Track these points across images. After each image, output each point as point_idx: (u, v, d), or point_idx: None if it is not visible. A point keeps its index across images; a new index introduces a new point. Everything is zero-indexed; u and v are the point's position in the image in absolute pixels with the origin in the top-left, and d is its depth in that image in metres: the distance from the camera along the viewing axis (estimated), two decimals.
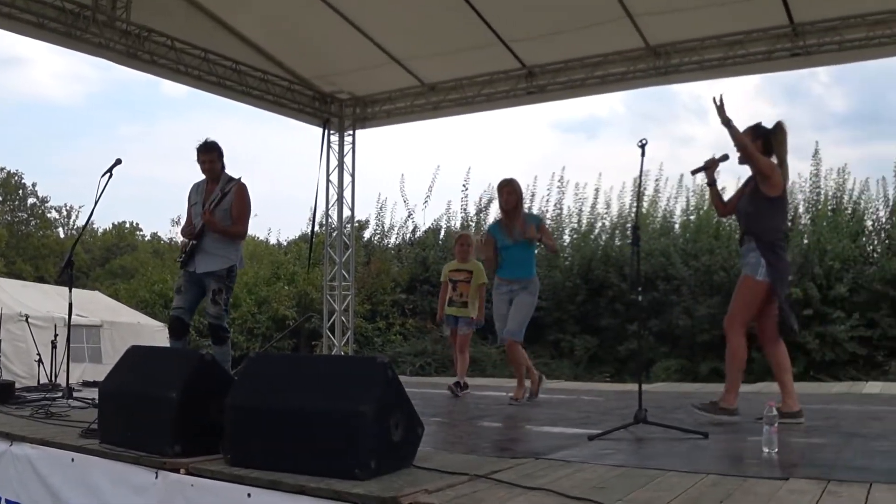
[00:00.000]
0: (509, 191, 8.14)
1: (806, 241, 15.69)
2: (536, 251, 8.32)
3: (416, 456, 4.18)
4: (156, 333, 15.44)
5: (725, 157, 6.29)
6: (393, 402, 4.01)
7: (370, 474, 3.74)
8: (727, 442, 5.22)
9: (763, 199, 6.17)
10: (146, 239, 47.54)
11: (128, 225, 48.65)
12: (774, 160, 6.21)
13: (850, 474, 3.93)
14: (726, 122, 6.09)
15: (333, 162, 13.77)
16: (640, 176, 6.34)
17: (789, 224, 16.65)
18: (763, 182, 6.14)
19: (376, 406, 3.84)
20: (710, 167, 6.39)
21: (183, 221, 8.28)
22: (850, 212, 16.67)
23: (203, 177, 7.81)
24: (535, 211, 19.49)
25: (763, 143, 6.19)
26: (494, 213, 18.99)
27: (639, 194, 6.17)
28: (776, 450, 4.50)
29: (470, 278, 9.16)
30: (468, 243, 9.37)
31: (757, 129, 6.26)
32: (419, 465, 4.09)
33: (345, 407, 3.85)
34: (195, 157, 7.69)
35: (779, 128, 6.26)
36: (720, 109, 6.09)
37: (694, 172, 6.52)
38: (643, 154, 5.82)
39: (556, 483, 3.72)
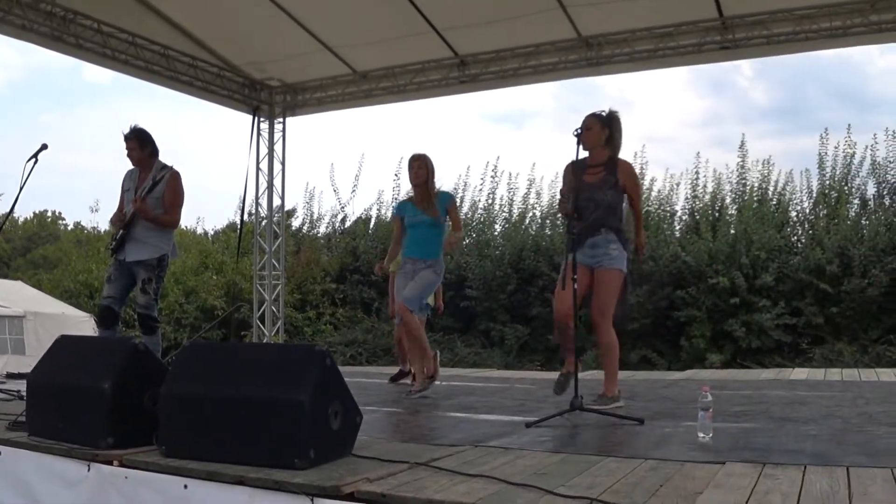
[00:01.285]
0: (419, 165, 7.91)
1: (733, 231, 15.94)
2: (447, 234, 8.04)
3: (355, 445, 4.16)
4: (81, 324, 15.16)
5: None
6: (331, 390, 3.98)
7: (309, 463, 3.70)
8: (662, 428, 5.26)
9: (621, 192, 6.26)
10: (69, 228, 46.61)
11: (49, 214, 47.65)
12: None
13: (784, 457, 4.01)
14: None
15: (263, 150, 13.63)
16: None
17: (717, 214, 16.95)
18: (633, 184, 6.30)
19: (314, 394, 3.80)
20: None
21: (104, 207, 8.11)
22: (775, 203, 17.01)
23: None
24: (466, 202, 19.56)
25: (609, 133, 6.24)
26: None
27: (577, 184, 6.07)
28: (711, 434, 4.56)
29: None
30: None
31: (603, 120, 6.25)
32: (358, 453, 4.07)
33: (283, 395, 3.80)
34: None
35: (615, 117, 6.30)
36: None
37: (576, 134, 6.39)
38: (579, 143, 5.82)
39: (498, 470, 3.72)
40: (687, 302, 15.15)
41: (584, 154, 6.19)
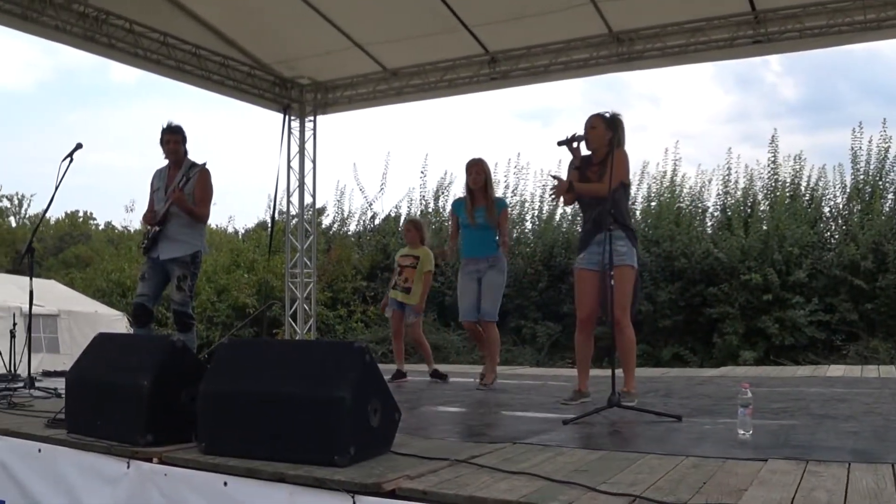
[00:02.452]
0: (478, 170, 8.05)
1: (765, 228, 15.83)
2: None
3: (394, 442, 4.14)
4: (114, 322, 15.29)
5: (580, 138, 6.36)
6: (370, 387, 3.96)
7: (349, 460, 3.69)
8: (701, 425, 5.22)
9: (622, 186, 6.27)
10: (100, 228, 46.96)
11: (81, 214, 48.01)
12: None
13: (827, 454, 3.96)
14: (575, 189, 6.32)
15: (294, 148, 13.64)
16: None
17: (749, 211, 16.83)
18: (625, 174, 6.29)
19: (354, 391, 3.79)
20: (572, 143, 6.37)
21: (139, 207, 8.19)
22: (808, 198, 16.87)
23: (164, 163, 7.70)
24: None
25: (613, 134, 6.25)
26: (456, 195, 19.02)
27: (612, 167, 6.04)
28: (751, 431, 4.51)
29: (416, 264, 9.08)
30: (414, 228, 9.30)
31: (608, 120, 6.31)
32: (397, 450, 4.05)
33: (323, 393, 3.79)
34: (159, 140, 7.57)
35: (620, 120, 6.34)
36: (570, 187, 6.30)
37: (560, 143, 6.43)
38: (617, 127, 5.84)
39: (538, 467, 3.69)
40: (719, 299, 15.07)
41: (587, 153, 6.41)
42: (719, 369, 11.43)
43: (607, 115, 6.35)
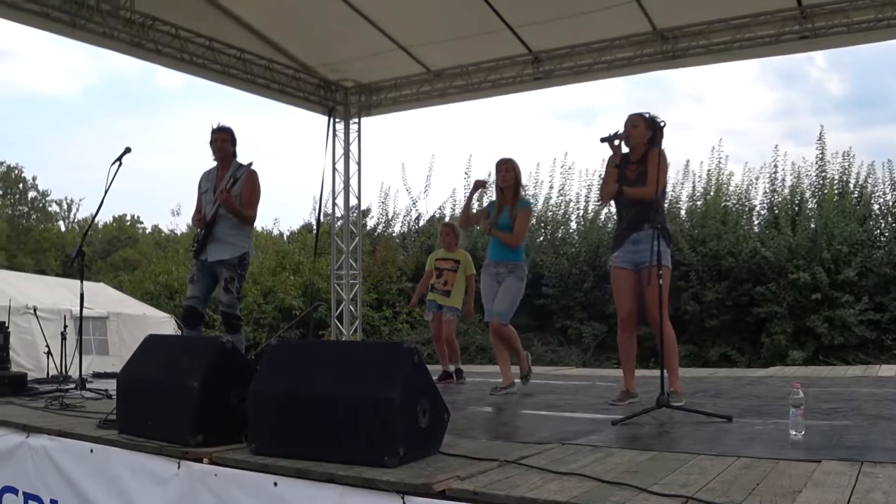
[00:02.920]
0: (507, 168, 7.93)
1: (813, 226, 15.64)
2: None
3: (443, 442, 4.14)
4: (162, 324, 15.41)
5: (621, 136, 6.34)
6: (419, 388, 3.97)
7: (399, 461, 3.69)
8: (751, 425, 5.16)
9: (661, 187, 6.22)
10: (147, 231, 47.50)
11: (128, 217, 48.59)
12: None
13: (882, 455, 3.90)
14: (622, 192, 6.31)
15: (339, 150, 13.70)
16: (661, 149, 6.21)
17: (796, 209, 16.64)
18: (653, 165, 6.20)
19: (404, 392, 3.79)
20: (613, 140, 6.34)
21: (185, 210, 8.25)
22: (856, 195, 16.64)
23: (212, 165, 7.76)
24: (540, 198, 19.50)
25: (653, 134, 6.25)
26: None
27: (658, 169, 6.01)
28: (803, 432, 4.45)
29: (456, 267, 9.09)
30: (452, 232, 9.30)
31: (648, 121, 6.30)
32: (446, 451, 4.05)
33: (372, 393, 3.80)
34: (209, 141, 7.64)
35: (659, 125, 6.25)
36: (620, 190, 6.31)
37: (602, 140, 6.40)
38: (662, 136, 5.77)
39: (589, 468, 3.67)
40: (767, 298, 14.92)
41: (626, 150, 6.41)
42: (768, 369, 11.31)
43: (647, 115, 6.34)
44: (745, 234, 16.13)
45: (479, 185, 8.25)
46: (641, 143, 6.31)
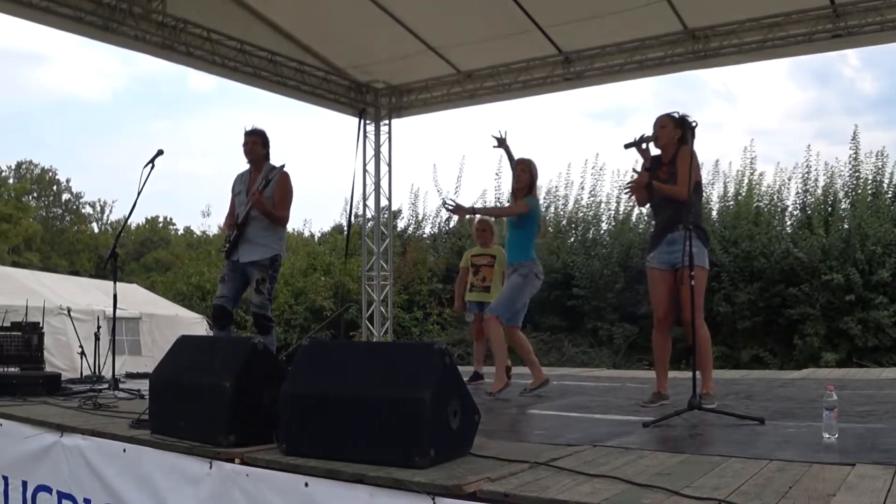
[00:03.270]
0: (523, 168, 7.87)
1: (846, 226, 15.49)
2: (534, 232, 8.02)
3: (473, 444, 4.13)
4: (193, 325, 15.53)
5: (648, 138, 6.36)
6: (450, 389, 3.96)
7: (429, 462, 3.68)
8: (784, 428, 5.12)
9: (696, 186, 6.19)
10: (179, 233, 47.84)
11: (161, 219, 48.97)
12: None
13: None
14: (653, 187, 6.24)
15: (369, 152, 13.74)
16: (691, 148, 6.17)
17: (829, 209, 16.48)
18: (683, 164, 6.18)
19: (434, 393, 3.79)
20: (641, 144, 6.36)
21: (214, 212, 8.28)
22: (891, 195, 16.47)
23: (245, 167, 7.79)
24: (570, 199, 19.47)
25: (682, 132, 6.26)
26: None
27: (691, 177, 6.00)
28: (836, 435, 4.41)
29: (493, 262, 9.07)
30: (487, 228, 9.28)
31: (676, 120, 6.29)
32: (477, 452, 4.05)
33: (403, 394, 3.80)
34: (242, 144, 7.68)
35: (689, 123, 6.27)
36: (648, 187, 6.25)
37: (627, 146, 6.40)
38: (693, 136, 5.74)
39: (620, 470, 3.65)
40: (800, 299, 14.78)
41: (657, 152, 6.40)
42: (801, 371, 11.23)
43: (676, 115, 6.32)
44: (777, 234, 15.98)
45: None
46: (671, 143, 6.28)
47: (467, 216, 6.91)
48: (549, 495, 3.20)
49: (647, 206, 6.77)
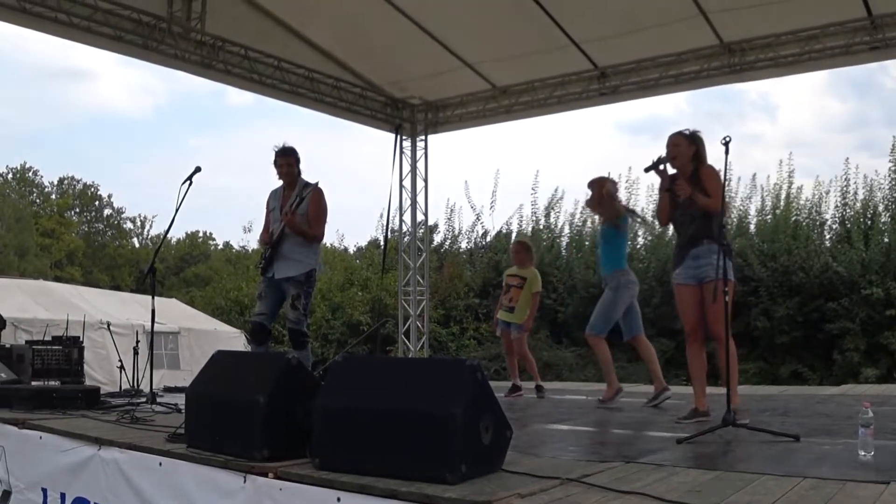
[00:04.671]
0: (591, 187, 8.25)
1: (887, 240, 15.35)
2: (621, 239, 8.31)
3: (505, 460, 4.14)
4: (232, 340, 15.64)
5: (667, 159, 6.43)
6: (482, 405, 3.97)
7: (460, 478, 3.69)
8: (820, 445, 5.08)
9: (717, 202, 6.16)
10: (219, 248, 48.21)
11: (200, 234, 49.40)
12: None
13: None
14: (673, 191, 6.37)
15: (405, 167, 13.79)
16: (725, 175, 6.18)
17: (869, 223, 16.33)
18: (713, 185, 6.22)
19: (466, 409, 3.80)
20: (658, 166, 6.42)
21: (256, 227, 8.36)
22: None
23: (279, 183, 7.85)
24: None
25: (696, 150, 6.35)
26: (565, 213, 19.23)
27: (722, 194, 6.00)
28: (872, 452, 4.37)
29: (522, 284, 9.19)
30: (523, 249, 9.44)
31: (689, 138, 6.39)
32: (508, 468, 4.05)
33: (435, 410, 3.82)
34: (272, 162, 7.73)
35: (699, 137, 6.41)
36: (675, 185, 6.35)
37: (647, 170, 6.48)
38: (727, 152, 5.71)
39: (651, 487, 3.65)
40: (839, 314, 14.66)
41: (673, 171, 6.46)
42: (839, 387, 11.11)
43: (687, 132, 6.42)
44: (816, 248, 15.88)
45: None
46: (686, 161, 6.35)
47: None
48: None
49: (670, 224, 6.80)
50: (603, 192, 8.19)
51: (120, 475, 5.12)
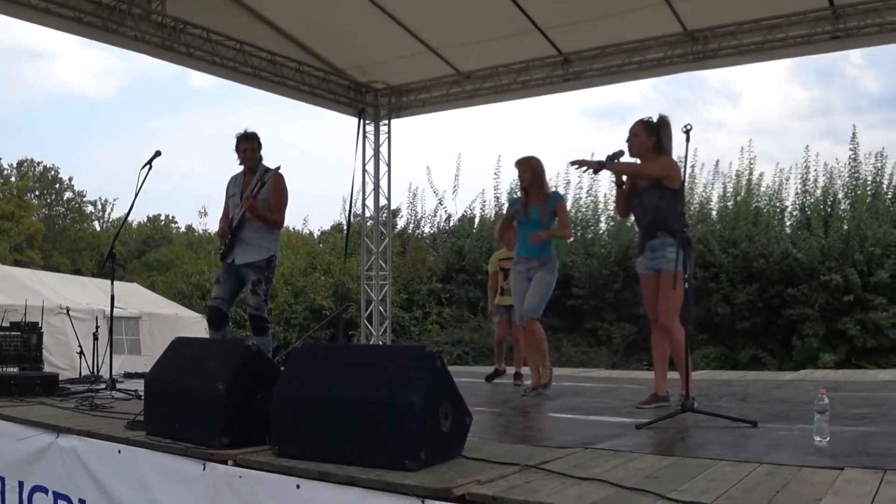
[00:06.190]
0: (524, 168, 7.90)
1: (846, 227, 15.52)
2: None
3: (465, 446, 4.15)
4: (194, 325, 15.54)
5: (621, 153, 6.37)
6: (442, 392, 3.98)
7: (420, 465, 3.70)
8: (776, 431, 5.13)
9: (669, 192, 6.21)
10: (181, 231, 47.88)
11: (162, 218, 49.02)
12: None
13: None
14: (613, 168, 6.40)
15: (368, 152, 13.75)
16: (686, 162, 6.19)
17: (829, 210, 16.47)
18: (666, 178, 6.21)
19: (426, 396, 3.80)
20: (613, 160, 6.39)
21: (211, 212, 8.28)
22: (890, 196, 16.49)
23: (239, 169, 7.78)
24: (569, 200, 19.42)
25: (657, 139, 6.30)
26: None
27: (683, 181, 6.03)
28: (828, 438, 4.42)
29: None
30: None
31: (650, 126, 6.34)
32: (468, 455, 4.06)
33: (394, 397, 3.82)
34: (234, 147, 7.65)
35: (665, 122, 6.36)
36: (599, 164, 6.37)
37: (597, 170, 6.48)
38: (688, 140, 5.73)
39: (609, 473, 3.67)
40: (799, 300, 14.81)
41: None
42: (798, 373, 11.24)
43: (652, 119, 6.37)
44: (776, 235, 16.00)
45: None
46: (647, 151, 6.34)
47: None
48: (536, 499, 3.21)
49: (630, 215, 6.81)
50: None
51: (78, 463, 5.09)
